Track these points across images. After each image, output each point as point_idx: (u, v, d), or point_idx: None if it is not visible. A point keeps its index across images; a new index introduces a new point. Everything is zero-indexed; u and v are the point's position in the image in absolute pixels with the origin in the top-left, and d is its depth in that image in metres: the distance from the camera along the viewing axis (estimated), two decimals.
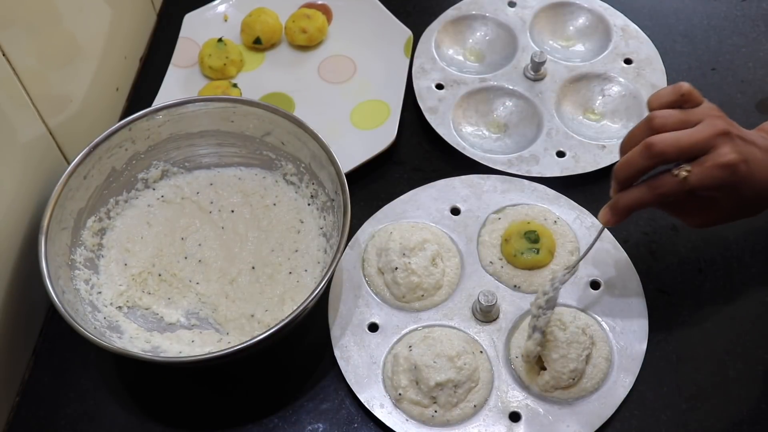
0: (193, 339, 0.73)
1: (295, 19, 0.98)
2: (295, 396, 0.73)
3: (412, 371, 0.70)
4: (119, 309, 0.75)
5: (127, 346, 0.71)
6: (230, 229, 0.80)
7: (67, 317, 0.66)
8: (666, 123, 0.63)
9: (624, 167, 0.64)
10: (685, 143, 0.61)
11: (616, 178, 0.65)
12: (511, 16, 0.99)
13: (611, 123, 0.91)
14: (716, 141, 0.61)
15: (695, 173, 0.62)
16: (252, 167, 0.84)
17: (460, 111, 0.91)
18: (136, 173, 0.81)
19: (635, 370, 0.72)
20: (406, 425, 0.69)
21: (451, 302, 0.76)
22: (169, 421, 0.72)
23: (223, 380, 0.74)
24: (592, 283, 0.77)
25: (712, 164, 0.61)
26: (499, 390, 0.71)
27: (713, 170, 0.61)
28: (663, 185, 0.63)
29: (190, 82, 0.95)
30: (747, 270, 0.80)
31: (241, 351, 0.65)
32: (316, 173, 0.79)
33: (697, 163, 0.62)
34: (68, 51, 0.81)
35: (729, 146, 0.61)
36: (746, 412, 0.71)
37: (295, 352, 0.75)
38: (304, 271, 0.77)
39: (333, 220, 0.76)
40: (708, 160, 0.61)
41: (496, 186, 0.84)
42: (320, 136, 0.77)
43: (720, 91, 0.94)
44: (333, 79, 0.96)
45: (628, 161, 0.64)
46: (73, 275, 0.74)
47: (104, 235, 0.79)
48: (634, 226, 0.83)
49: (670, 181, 0.62)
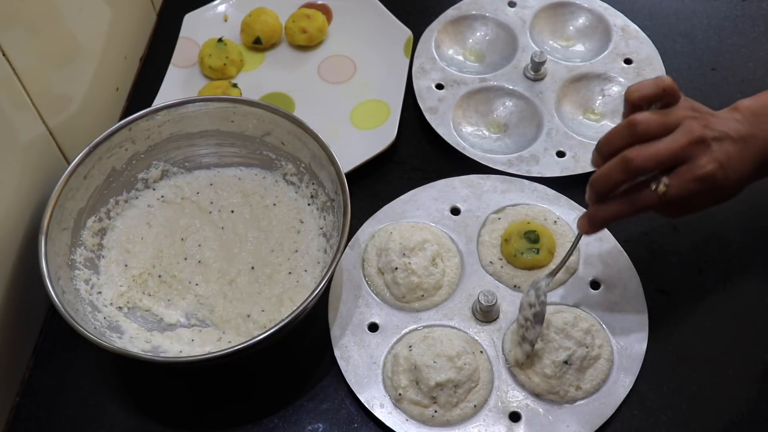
0: (193, 338, 0.73)
1: (295, 19, 0.98)
2: (295, 396, 0.73)
3: (412, 371, 0.70)
4: (119, 309, 0.75)
5: (127, 346, 0.71)
6: (230, 229, 0.80)
7: (67, 317, 0.66)
8: (649, 130, 0.62)
9: (601, 180, 0.64)
10: (663, 156, 0.61)
11: (594, 190, 0.65)
12: (511, 16, 0.99)
13: (611, 123, 0.91)
14: (693, 151, 0.61)
15: (673, 186, 0.62)
16: (252, 167, 0.84)
17: (460, 111, 0.91)
18: (136, 173, 0.81)
19: (635, 370, 0.72)
20: (406, 425, 0.69)
21: (451, 302, 0.76)
22: (170, 420, 0.72)
23: (223, 380, 0.74)
24: (592, 283, 0.77)
25: (690, 177, 0.62)
26: (499, 390, 0.71)
27: (691, 183, 0.62)
28: (642, 200, 0.63)
29: (190, 82, 0.95)
30: (747, 270, 0.80)
31: (240, 351, 0.65)
32: (316, 173, 0.79)
33: (675, 176, 0.62)
34: (68, 51, 0.81)
35: (706, 156, 0.61)
36: (746, 412, 0.71)
37: (295, 352, 0.75)
38: (304, 272, 0.77)
39: (333, 220, 0.76)
40: (686, 173, 0.62)
41: (496, 186, 0.84)
42: (320, 136, 0.77)
43: (720, 91, 0.94)
44: (333, 79, 0.96)
45: (606, 174, 0.63)
46: (73, 275, 0.74)
47: (104, 236, 0.79)
48: (634, 226, 0.83)
49: (649, 196, 0.63)
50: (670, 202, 0.63)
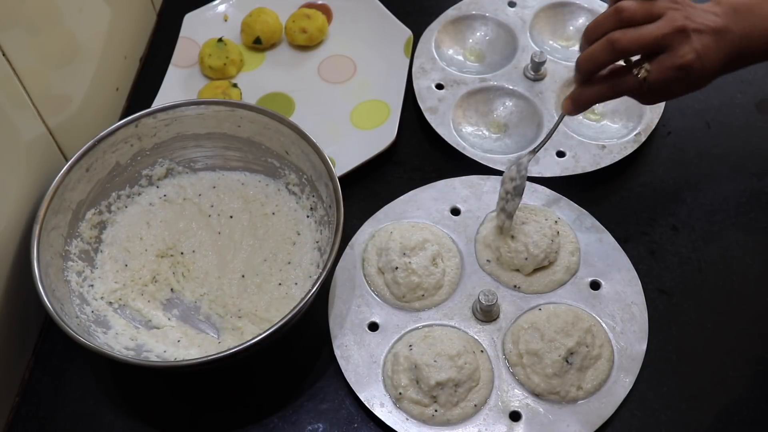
0: (179, 339, 0.73)
1: (295, 19, 0.98)
2: (294, 396, 0.73)
3: (412, 370, 0.70)
4: (110, 304, 0.75)
5: (111, 342, 0.71)
6: (226, 234, 0.80)
7: (47, 304, 0.66)
8: (634, 16, 0.66)
9: (587, 61, 0.68)
10: (646, 40, 0.65)
11: (579, 70, 0.69)
12: (511, 16, 0.99)
13: (611, 123, 0.91)
14: (674, 40, 0.65)
15: (654, 72, 0.66)
16: (256, 173, 0.83)
17: (460, 111, 0.91)
18: (141, 169, 0.81)
19: (635, 370, 0.72)
20: (407, 424, 0.69)
21: (452, 302, 0.76)
22: (170, 420, 0.73)
23: (223, 380, 0.74)
24: (592, 283, 0.77)
25: (670, 65, 0.65)
26: (500, 389, 0.71)
27: (671, 71, 0.66)
28: (624, 83, 0.67)
29: (190, 82, 0.95)
30: (747, 270, 0.80)
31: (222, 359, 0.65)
32: (317, 186, 0.78)
33: (656, 63, 0.66)
34: (68, 51, 0.81)
35: (686, 46, 0.65)
36: (746, 412, 0.71)
37: (295, 352, 0.75)
38: (294, 284, 0.76)
39: (329, 236, 0.75)
40: (666, 60, 0.65)
41: (496, 186, 0.84)
42: (321, 136, 0.77)
43: (720, 91, 0.94)
44: (333, 79, 0.96)
45: (591, 55, 0.67)
46: (66, 266, 0.74)
47: (104, 230, 0.79)
48: (634, 226, 0.83)
49: (631, 80, 0.67)
50: (650, 88, 0.66)
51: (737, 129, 0.91)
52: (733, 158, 0.88)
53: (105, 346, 0.68)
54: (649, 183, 0.87)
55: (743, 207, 0.84)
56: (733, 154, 0.89)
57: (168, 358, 0.71)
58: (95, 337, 0.70)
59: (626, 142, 0.87)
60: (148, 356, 0.71)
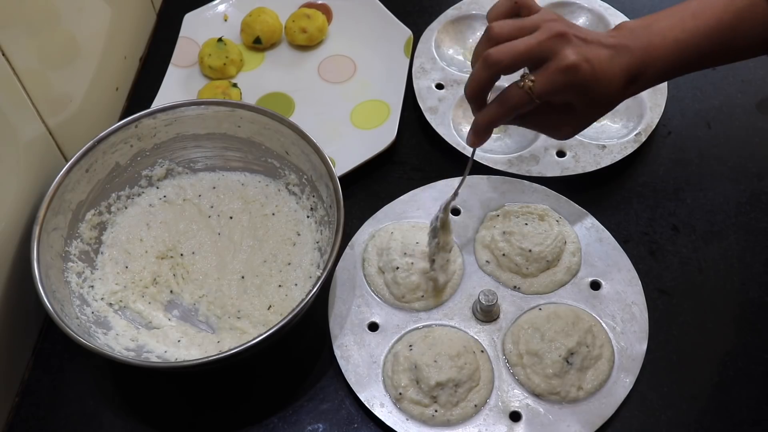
0: (179, 339, 0.73)
1: (295, 18, 0.98)
2: (294, 396, 0.73)
3: (412, 370, 0.70)
4: (110, 306, 0.75)
5: (111, 343, 0.70)
6: (226, 235, 0.80)
7: (46, 304, 0.66)
8: (502, 31, 0.63)
9: (470, 84, 0.65)
10: (521, 50, 0.62)
11: (468, 98, 0.66)
12: None
13: (611, 123, 0.91)
14: (555, 45, 0.62)
15: (539, 81, 0.62)
16: (256, 173, 0.83)
17: (460, 111, 0.91)
18: (141, 170, 0.81)
19: (636, 370, 0.72)
20: (407, 425, 0.69)
21: (452, 302, 0.76)
22: (170, 420, 0.73)
23: (223, 380, 0.74)
24: (592, 283, 0.77)
25: (554, 69, 0.62)
26: (500, 390, 0.71)
27: (556, 75, 0.62)
28: (511, 97, 0.64)
29: (189, 81, 0.95)
30: (747, 270, 0.80)
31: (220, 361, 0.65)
32: (317, 186, 0.78)
33: (540, 71, 0.62)
34: (68, 51, 0.81)
35: (569, 49, 0.62)
36: (746, 412, 0.71)
37: (295, 352, 0.75)
38: (294, 285, 0.76)
39: (329, 236, 0.75)
40: (550, 65, 0.62)
41: (496, 186, 0.84)
42: (321, 136, 0.77)
43: (720, 91, 0.94)
44: (333, 79, 0.96)
45: (471, 78, 0.64)
46: (66, 267, 0.74)
47: (104, 231, 0.79)
48: (634, 226, 0.83)
49: (517, 93, 0.63)
50: (540, 99, 0.63)
51: (737, 129, 0.91)
52: (733, 158, 0.88)
53: (105, 347, 0.68)
54: (649, 183, 0.86)
55: (743, 207, 0.84)
56: (734, 154, 0.89)
57: (168, 358, 0.71)
58: (95, 338, 0.70)
59: (626, 142, 0.87)
60: (149, 357, 0.71)
